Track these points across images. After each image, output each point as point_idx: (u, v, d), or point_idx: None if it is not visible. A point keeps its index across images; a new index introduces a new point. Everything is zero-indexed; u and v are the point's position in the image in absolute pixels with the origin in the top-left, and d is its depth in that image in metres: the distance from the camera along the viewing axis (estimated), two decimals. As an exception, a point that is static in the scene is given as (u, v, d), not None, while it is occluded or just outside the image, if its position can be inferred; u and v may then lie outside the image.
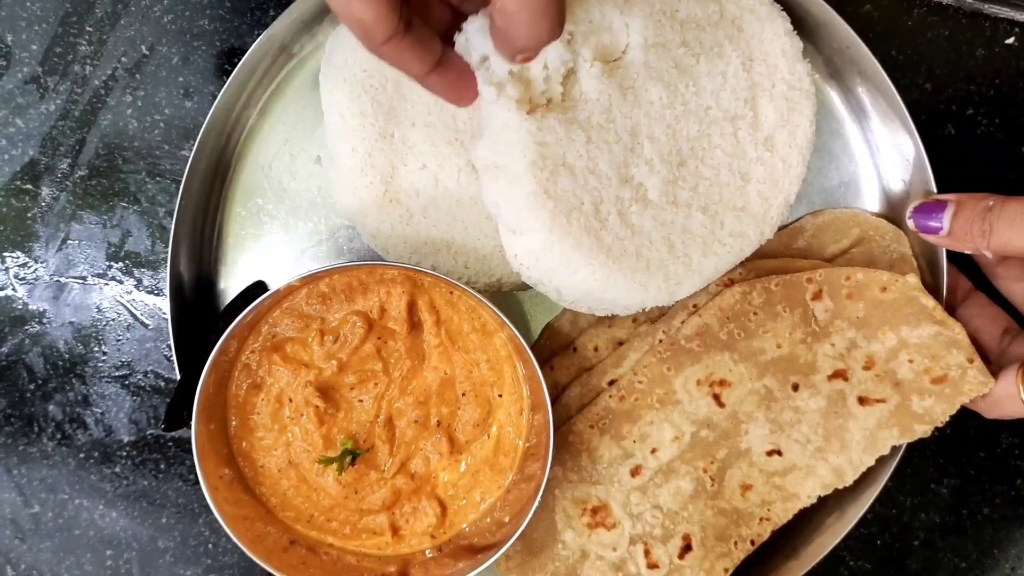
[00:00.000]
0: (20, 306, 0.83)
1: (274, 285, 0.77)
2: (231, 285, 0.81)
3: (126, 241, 0.83)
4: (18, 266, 0.83)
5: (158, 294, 0.83)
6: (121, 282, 0.83)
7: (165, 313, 0.82)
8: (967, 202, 0.70)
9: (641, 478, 0.75)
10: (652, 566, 0.74)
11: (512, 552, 0.75)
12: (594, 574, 0.75)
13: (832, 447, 0.74)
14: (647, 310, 0.74)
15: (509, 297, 0.80)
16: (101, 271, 0.83)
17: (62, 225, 0.83)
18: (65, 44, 0.81)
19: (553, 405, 0.72)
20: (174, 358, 0.76)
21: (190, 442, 0.70)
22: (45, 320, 0.83)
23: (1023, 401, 0.69)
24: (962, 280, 0.77)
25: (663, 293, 0.71)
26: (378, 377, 0.75)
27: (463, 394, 0.75)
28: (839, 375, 0.74)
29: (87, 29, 0.81)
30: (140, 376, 0.84)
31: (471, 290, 0.71)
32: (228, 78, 0.75)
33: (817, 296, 0.74)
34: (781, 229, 0.77)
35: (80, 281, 0.83)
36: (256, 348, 0.74)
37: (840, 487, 0.74)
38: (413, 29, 0.59)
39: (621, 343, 0.77)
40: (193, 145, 0.75)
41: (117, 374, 0.83)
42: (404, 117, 0.74)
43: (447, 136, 0.74)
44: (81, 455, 0.84)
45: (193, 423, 0.70)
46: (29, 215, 0.83)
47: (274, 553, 0.73)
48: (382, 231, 0.75)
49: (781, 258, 0.77)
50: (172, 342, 0.76)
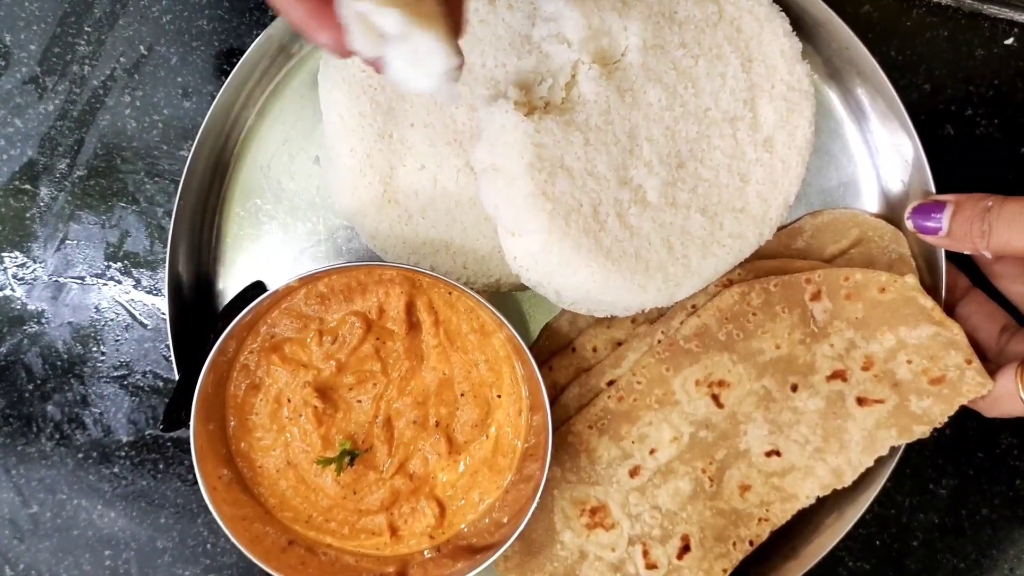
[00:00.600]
0: (19, 306, 0.83)
1: (273, 285, 0.77)
2: (230, 285, 0.80)
3: (125, 241, 0.83)
4: (17, 266, 0.83)
5: (157, 294, 0.83)
6: (119, 282, 0.83)
7: (163, 313, 0.82)
8: (966, 202, 0.70)
9: (640, 479, 0.74)
10: (651, 566, 0.74)
11: (511, 552, 0.75)
12: (593, 574, 0.75)
13: (831, 448, 0.74)
14: (646, 311, 0.74)
15: (508, 298, 0.80)
16: (100, 271, 0.83)
17: (60, 225, 0.82)
18: (64, 44, 0.81)
19: (552, 405, 0.72)
20: (172, 358, 0.76)
21: (189, 442, 0.70)
22: (44, 320, 0.83)
23: (1022, 399, 0.69)
24: (961, 278, 0.77)
25: (662, 294, 0.71)
26: (377, 377, 0.75)
27: (462, 394, 0.75)
28: (838, 376, 0.74)
29: (86, 29, 0.81)
30: (139, 376, 0.84)
31: (470, 291, 0.71)
32: (227, 78, 0.75)
33: (816, 297, 0.74)
34: (780, 230, 0.77)
35: (79, 281, 0.83)
36: (255, 348, 0.74)
37: (839, 488, 0.74)
38: None
39: (620, 344, 0.77)
40: (192, 145, 0.75)
41: (116, 374, 0.83)
42: (403, 117, 0.74)
43: (446, 137, 0.74)
44: (80, 455, 0.83)
45: (191, 423, 0.70)
46: (28, 215, 0.82)
47: (272, 553, 0.73)
48: (381, 231, 0.75)
49: (780, 259, 0.77)
50: (171, 342, 0.76)
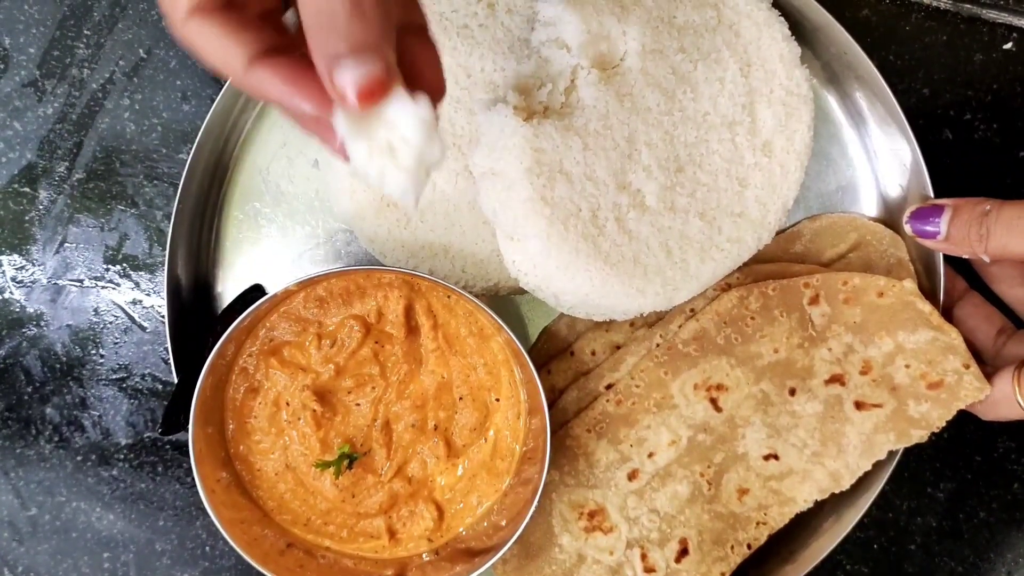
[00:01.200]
0: (18, 309, 0.83)
1: (271, 289, 0.77)
2: (228, 288, 0.80)
3: (123, 244, 0.83)
4: (15, 269, 0.83)
5: (156, 297, 0.83)
6: (118, 285, 0.83)
7: (162, 316, 0.82)
8: (964, 207, 0.70)
9: (638, 482, 0.75)
10: (649, 570, 0.74)
11: (509, 556, 0.75)
12: (591, 578, 0.75)
13: (829, 451, 0.74)
14: (645, 315, 0.74)
15: (506, 301, 0.80)
16: (99, 274, 0.83)
17: (59, 228, 0.82)
18: (63, 47, 0.81)
19: (550, 409, 0.72)
20: (171, 361, 0.76)
21: (187, 445, 0.70)
22: (43, 323, 0.83)
23: (1019, 403, 0.69)
24: (958, 280, 0.77)
25: (661, 298, 0.71)
26: (375, 381, 0.75)
27: (460, 398, 0.75)
28: (836, 380, 0.74)
29: (85, 33, 0.81)
30: (137, 379, 0.84)
31: (468, 294, 0.71)
32: (225, 82, 0.75)
33: (814, 301, 0.74)
34: (779, 234, 0.77)
35: (77, 284, 0.83)
36: (253, 352, 0.74)
37: (837, 491, 0.74)
38: (242, 6, 0.48)
39: (618, 347, 0.77)
40: (191, 148, 0.75)
41: (114, 377, 0.83)
42: (402, 121, 0.74)
43: (445, 141, 0.74)
44: (79, 458, 0.83)
45: (190, 426, 0.70)
46: (27, 218, 0.82)
47: (271, 556, 0.73)
48: (379, 235, 0.75)
49: (778, 263, 0.77)
50: (169, 345, 0.76)
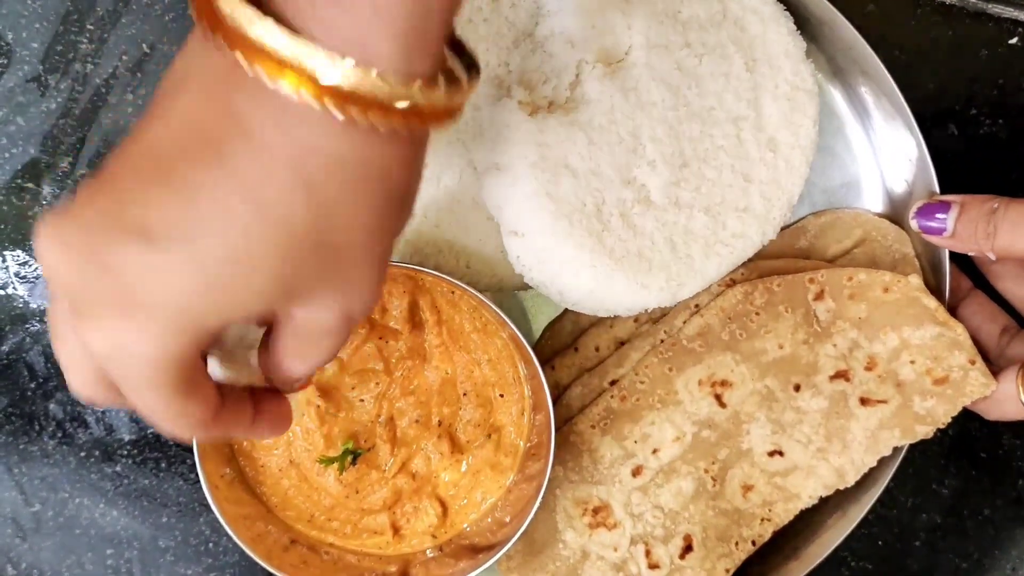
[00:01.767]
0: (21, 304, 0.83)
1: (275, 284, 0.76)
2: (232, 284, 0.80)
3: (127, 240, 0.82)
4: (19, 264, 0.83)
5: (159, 293, 0.83)
6: (122, 281, 0.83)
7: (166, 312, 0.81)
8: (971, 203, 0.70)
9: (642, 478, 0.74)
10: (653, 566, 0.74)
11: (513, 552, 0.75)
12: (595, 574, 0.75)
13: (834, 448, 0.73)
14: (649, 311, 0.73)
15: (510, 297, 0.80)
16: (102, 270, 0.83)
17: (63, 224, 0.82)
18: (66, 42, 0.81)
19: (554, 405, 0.72)
20: (175, 357, 0.76)
21: (191, 441, 0.70)
22: (46, 319, 0.83)
23: (1023, 402, 0.69)
24: (963, 279, 0.76)
25: (665, 294, 0.71)
26: (379, 377, 0.75)
27: (464, 394, 0.75)
28: (841, 376, 0.74)
29: (88, 27, 0.81)
30: (141, 375, 0.83)
31: (473, 290, 0.71)
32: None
33: (819, 297, 0.74)
34: (783, 230, 0.77)
35: (81, 280, 0.83)
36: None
37: (841, 488, 0.74)
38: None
39: (623, 343, 0.77)
40: (194, 144, 0.75)
41: (118, 373, 0.83)
42: (406, 116, 0.74)
43: (448, 136, 0.74)
44: (82, 454, 0.83)
45: (194, 423, 0.70)
46: (30, 213, 0.82)
47: (275, 552, 0.73)
48: (383, 231, 0.75)
49: (783, 259, 0.77)
50: (173, 341, 0.76)
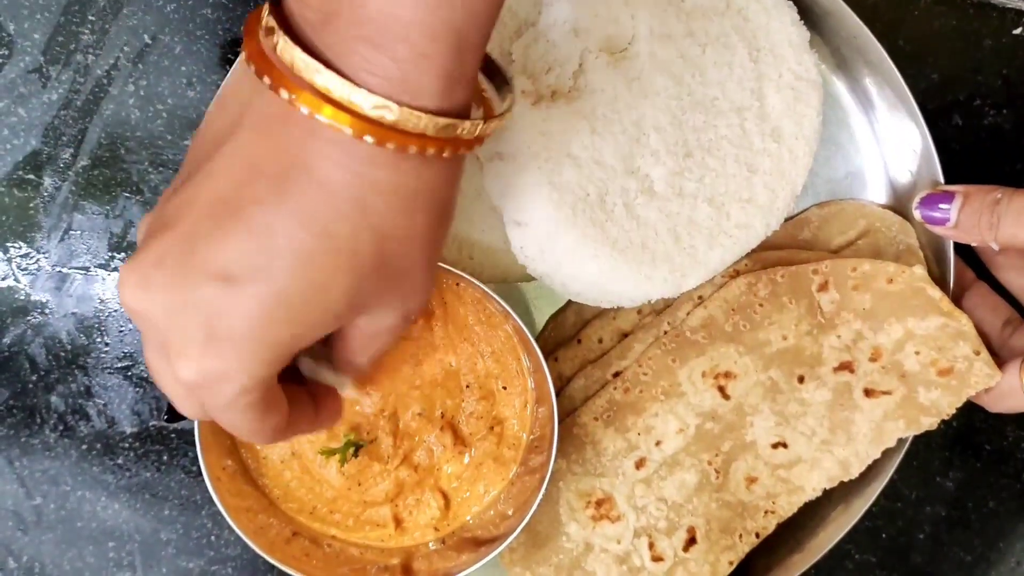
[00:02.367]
0: (22, 297, 0.83)
1: (277, 276, 0.76)
2: (234, 276, 0.80)
3: (129, 231, 0.82)
4: (20, 256, 0.83)
5: (161, 285, 0.83)
6: (123, 273, 0.83)
7: (168, 304, 0.81)
8: (975, 194, 0.69)
9: (646, 470, 0.74)
10: (657, 559, 0.74)
11: (516, 544, 0.75)
12: (598, 567, 0.74)
13: (838, 439, 0.73)
14: (652, 302, 0.73)
15: (513, 289, 0.80)
16: (103, 261, 0.83)
17: (64, 215, 0.82)
18: (67, 33, 0.81)
19: (557, 397, 0.71)
20: (177, 349, 0.76)
21: (193, 433, 0.69)
22: (47, 311, 0.83)
23: None
24: (966, 271, 0.76)
25: (669, 285, 0.71)
26: (384, 371, 0.74)
27: (467, 386, 0.75)
28: (845, 367, 0.73)
29: (89, 18, 0.81)
30: (143, 367, 0.83)
31: (476, 282, 0.71)
32: (231, 68, 0.75)
33: (823, 288, 0.74)
34: (787, 221, 0.77)
35: (83, 272, 0.83)
36: (259, 339, 0.74)
37: (846, 480, 0.74)
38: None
39: (626, 335, 0.77)
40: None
41: (120, 365, 0.83)
42: (408, 107, 0.74)
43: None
44: (83, 447, 0.83)
45: (196, 414, 0.69)
46: (31, 205, 0.82)
47: (277, 545, 0.73)
48: (386, 222, 0.75)
49: (787, 249, 0.77)
50: (175, 333, 0.76)
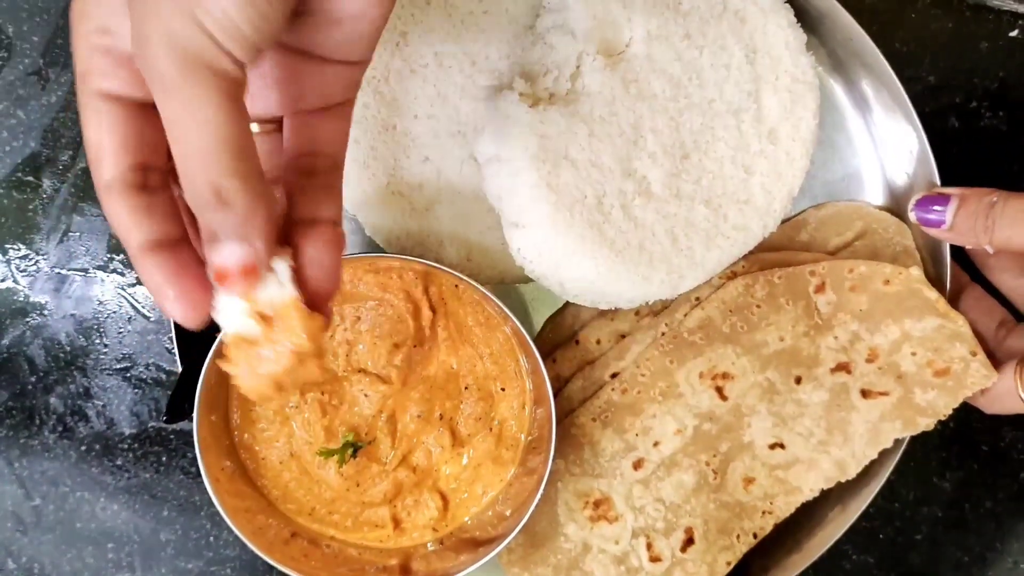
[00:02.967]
0: (21, 298, 0.83)
1: (276, 277, 0.76)
2: (233, 277, 0.80)
3: (128, 233, 0.82)
4: (19, 258, 0.83)
5: (159, 286, 0.83)
6: (123, 274, 0.83)
7: (167, 306, 0.81)
8: (970, 197, 0.70)
9: (643, 471, 0.74)
10: (654, 559, 0.74)
11: (514, 545, 0.75)
12: (596, 567, 0.75)
13: (835, 440, 0.73)
14: (650, 303, 0.73)
15: (511, 290, 0.80)
16: (102, 263, 0.83)
17: (63, 217, 0.82)
18: (66, 36, 0.81)
19: (555, 398, 0.72)
20: (175, 350, 0.76)
21: (192, 434, 0.69)
22: (46, 312, 0.83)
23: (1021, 396, 0.69)
24: (961, 273, 0.77)
25: (666, 286, 0.71)
26: (384, 375, 0.75)
27: (466, 387, 0.75)
28: (842, 368, 0.74)
29: (88, 20, 0.81)
30: (141, 368, 0.83)
31: (475, 283, 0.71)
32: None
33: (820, 289, 0.74)
34: (784, 222, 0.77)
35: (81, 273, 0.83)
36: (258, 340, 0.74)
37: (843, 480, 0.74)
38: (154, 190, 0.49)
39: (624, 336, 0.77)
40: (195, 137, 0.75)
41: (118, 366, 0.83)
42: (406, 109, 0.74)
43: (450, 128, 0.74)
44: (82, 448, 0.83)
45: (195, 415, 0.69)
46: (30, 207, 0.82)
47: (276, 545, 0.73)
48: (385, 223, 0.75)
49: (784, 251, 0.77)
50: (173, 334, 0.76)
